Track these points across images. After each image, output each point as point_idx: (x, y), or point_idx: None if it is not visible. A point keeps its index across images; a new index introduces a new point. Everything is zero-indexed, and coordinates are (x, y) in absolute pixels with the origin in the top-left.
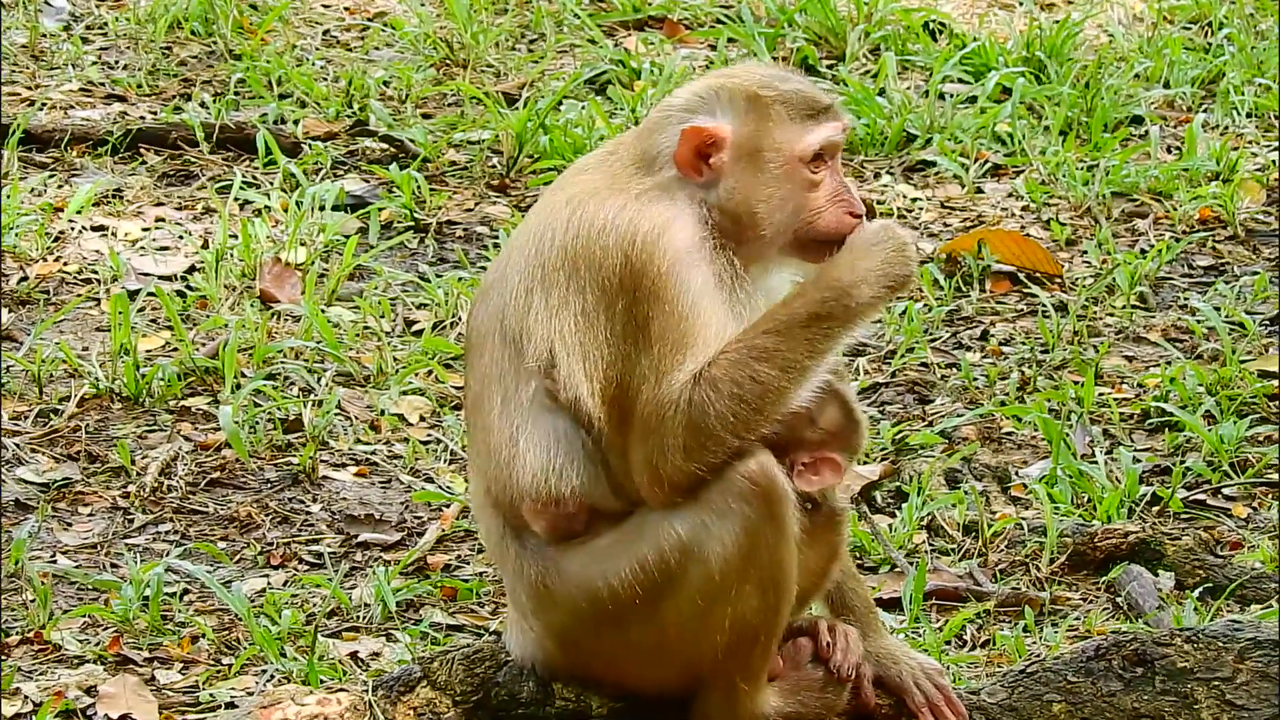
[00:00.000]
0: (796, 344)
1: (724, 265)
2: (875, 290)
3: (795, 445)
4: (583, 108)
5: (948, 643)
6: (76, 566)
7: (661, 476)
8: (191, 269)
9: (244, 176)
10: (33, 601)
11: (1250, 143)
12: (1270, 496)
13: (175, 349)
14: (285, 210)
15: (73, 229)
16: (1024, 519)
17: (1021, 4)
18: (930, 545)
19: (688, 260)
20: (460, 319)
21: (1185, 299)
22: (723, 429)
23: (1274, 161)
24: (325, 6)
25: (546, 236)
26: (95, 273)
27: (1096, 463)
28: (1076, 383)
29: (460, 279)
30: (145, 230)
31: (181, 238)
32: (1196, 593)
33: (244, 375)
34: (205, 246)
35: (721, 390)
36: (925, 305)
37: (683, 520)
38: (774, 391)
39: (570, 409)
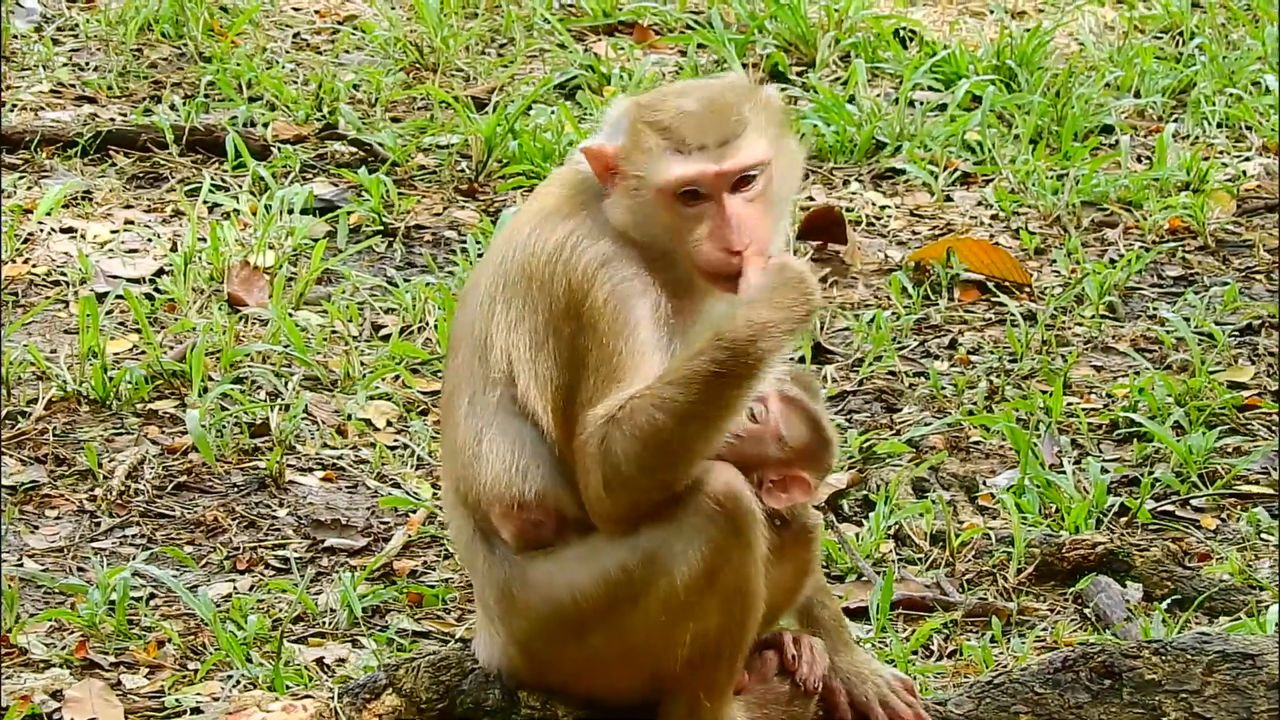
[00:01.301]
0: (698, 397)
1: (665, 295)
2: (774, 342)
3: (763, 462)
4: (552, 113)
5: (914, 653)
6: (43, 570)
7: (597, 508)
8: (160, 272)
9: (213, 179)
10: None
11: (1221, 153)
12: (1239, 508)
13: (143, 352)
14: (254, 213)
15: (42, 231)
16: (991, 529)
17: (992, 12)
18: (897, 554)
19: (626, 293)
20: (428, 324)
21: (1154, 309)
22: (634, 471)
23: (1244, 172)
24: (295, 10)
25: (510, 250)
26: (64, 275)
27: (1064, 473)
28: (1045, 392)
29: (428, 284)
30: (114, 232)
31: (150, 240)
32: (1165, 604)
33: (211, 379)
34: (174, 249)
35: (626, 433)
36: (893, 313)
37: (649, 536)
38: (678, 441)
39: (532, 417)
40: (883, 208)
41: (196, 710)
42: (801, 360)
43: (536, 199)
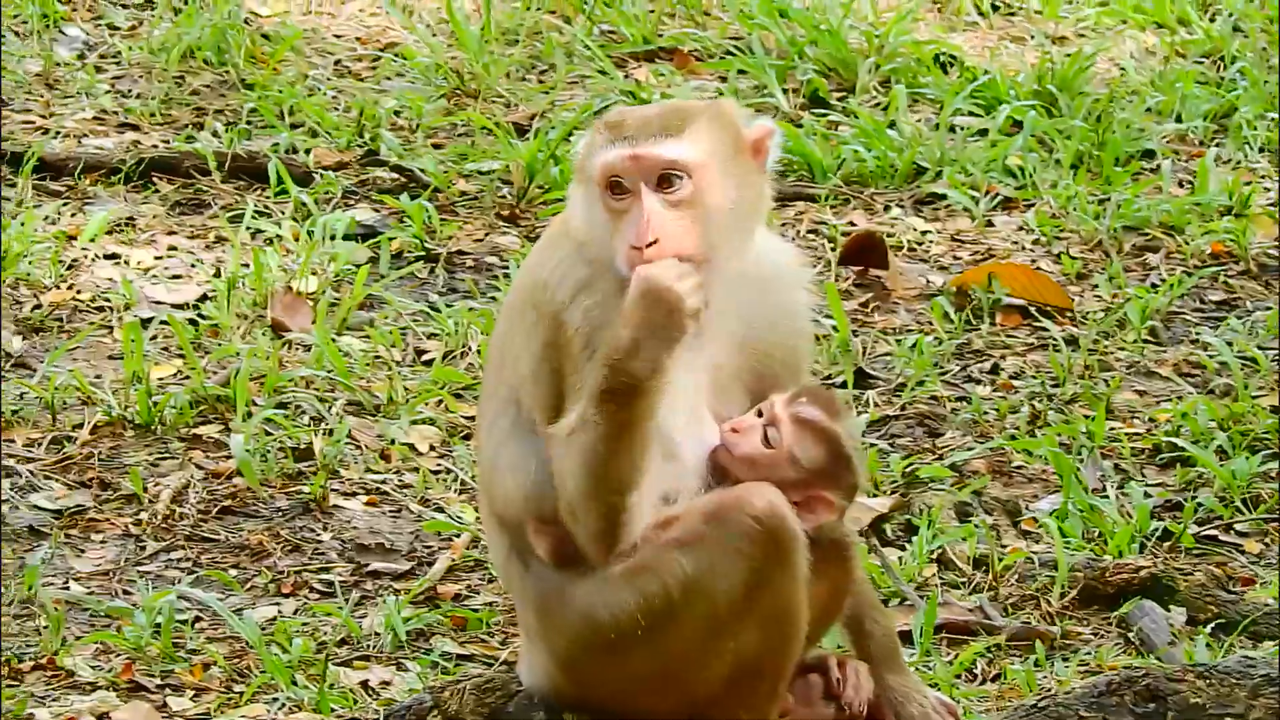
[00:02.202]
0: (601, 416)
1: None
2: (645, 358)
3: (782, 486)
4: None
5: (958, 676)
6: (89, 593)
7: (577, 536)
8: (203, 297)
9: (256, 205)
10: (45, 628)
11: (1263, 177)
12: None
13: (187, 377)
14: (296, 239)
15: (86, 257)
16: (1035, 553)
17: (1033, 37)
18: (940, 579)
19: (598, 321)
20: (470, 349)
21: (1197, 334)
22: (578, 495)
23: None
24: (337, 37)
25: (522, 275)
26: (108, 300)
27: (1108, 497)
28: (1087, 417)
29: (470, 309)
30: (158, 259)
31: (194, 266)
32: (1209, 628)
33: (255, 404)
34: (217, 275)
35: (564, 453)
36: (935, 338)
37: (689, 556)
38: (599, 459)
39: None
40: (924, 233)
41: None
42: (843, 385)
43: (553, 223)
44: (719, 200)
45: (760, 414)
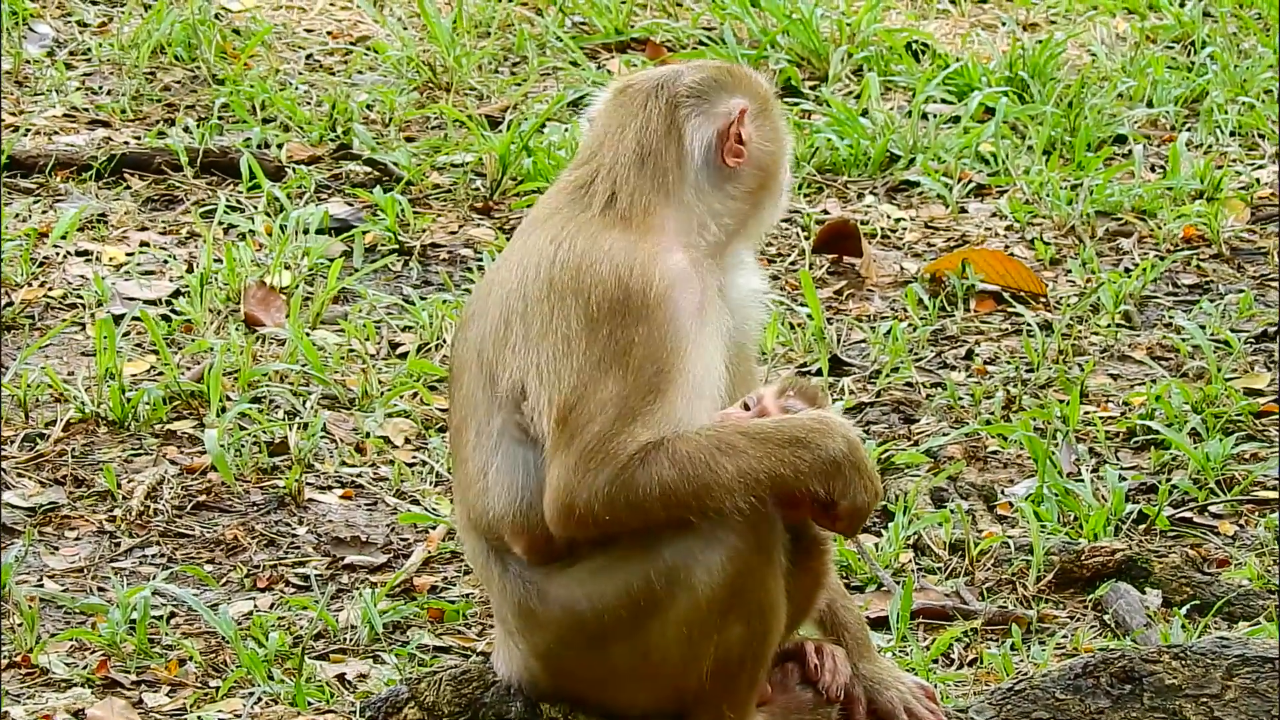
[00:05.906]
0: (763, 456)
1: (708, 288)
2: (845, 451)
3: None
4: (566, 130)
5: (935, 661)
6: (63, 590)
7: (573, 513)
8: (176, 293)
9: (228, 201)
10: (20, 625)
11: (1234, 161)
12: (1257, 514)
13: (160, 373)
14: (269, 234)
15: (57, 254)
16: (1010, 537)
17: (1004, 24)
18: (917, 564)
19: (682, 287)
20: (445, 341)
21: (1170, 317)
22: (656, 498)
23: (1258, 180)
24: (308, 31)
25: (531, 271)
26: (80, 297)
27: (1083, 481)
28: (1062, 401)
29: (445, 301)
30: (130, 255)
31: (166, 262)
32: (1184, 610)
33: (229, 399)
34: (190, 271)
35: (675, 464)
36: (910, 325)
37: (669, 546)
38: (719, 487)
39: (538, 442)
40: (897, 220)
41: None
42: (818, 373)
43: (543, 224)
44: None
45: (747, 407)
